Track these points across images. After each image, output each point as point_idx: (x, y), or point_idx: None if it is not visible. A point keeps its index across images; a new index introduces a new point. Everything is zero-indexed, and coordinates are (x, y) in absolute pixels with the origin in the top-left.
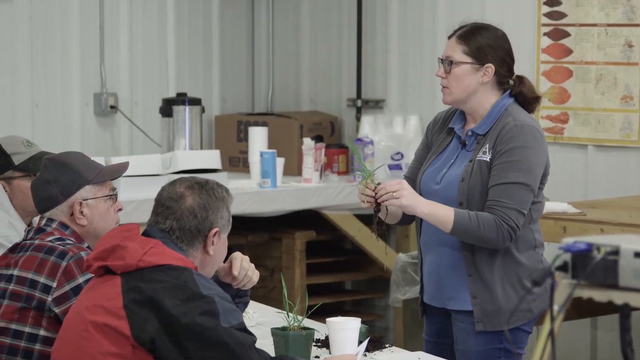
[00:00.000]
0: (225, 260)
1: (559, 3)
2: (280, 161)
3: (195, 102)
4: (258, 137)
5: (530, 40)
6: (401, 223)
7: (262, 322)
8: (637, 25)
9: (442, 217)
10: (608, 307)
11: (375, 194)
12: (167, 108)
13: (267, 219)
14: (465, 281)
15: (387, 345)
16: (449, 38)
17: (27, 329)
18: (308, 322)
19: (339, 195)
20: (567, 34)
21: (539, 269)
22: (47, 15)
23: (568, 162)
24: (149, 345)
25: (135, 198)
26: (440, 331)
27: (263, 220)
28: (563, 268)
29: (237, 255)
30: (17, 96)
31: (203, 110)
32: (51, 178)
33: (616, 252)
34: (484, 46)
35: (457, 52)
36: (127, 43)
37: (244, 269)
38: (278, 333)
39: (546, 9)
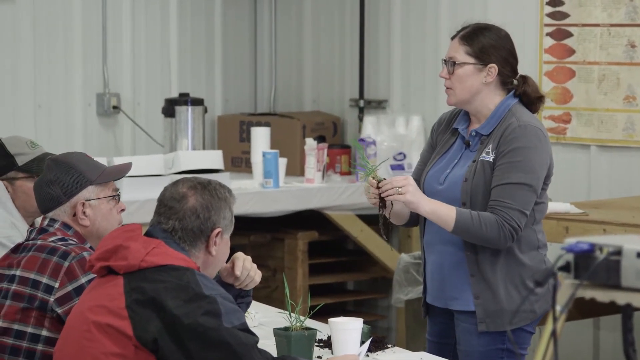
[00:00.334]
0: (227, 260)
1: (562, 3)
2: (282, 161)
3: (197, 103)
4: (260, 138)
5: (532, 40)
6: (407, 224)
7: (265, 323)
8: None
9: (445, 216)
10: (610, 308)
11: (379, 189)
12: (170, 108)
13: (270, 219)
14: (468, 281)
15: (390, 345)
16: (452, 39)
17: (30, 329)
18: (310, 323)
19: (342, 195)
20: (570, 34)
21: (542, 270)
22: (50, 15)
23: (570, 163)
24: (152, 345)
25: (137, 198)
26: (443, 331)
27: (265, 220)
28: (565, 268)
29: (240, 255)
30: (20, 96)
31: (205, 110)
32: (54, 178)
33: (619, 253)
34: (487, 46)
35: (460, 53)
36: (130, 43)
37: (247, 269)
38: (280, 333)
39: (549, 9)
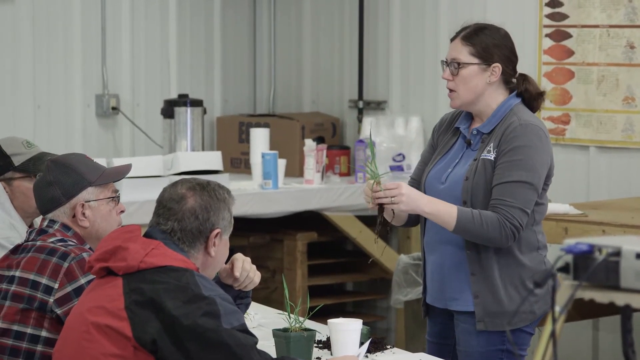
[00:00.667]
0: (226, 261)
1: (561, 4)
2: (281, 162)
3: (196, 104)
4: (260, 139)
5: (532, 41)
6: (407, 225)
7: (264, 324)
8: (639, 26)
9: (445, 216)
10: (610, 309)
11: (374, 195)
12: (169, 109)
13: (269, 220)
14: (468, 282)
15: (389, 346)
16: (452, 40)
17: (29, 330)
18: (309, 324)
19: (341, 196)
20: (569, 35)
21: (541, 271)
22: (49, 16)
23: (570, 164)
24: (151, 346)
25: (136, 199)
26: (443, 332)
27: (264, 221)
28: (565, 269)
29: (239, 256)
30: (19, 97)
31: (205, 111)
32: (53, 179)
33: (618, 254)
34: (490, 46)
35: (464, 54)
36: (129, 44)
37: (246, 270)
38: (279, 334)
39: (548, 10)
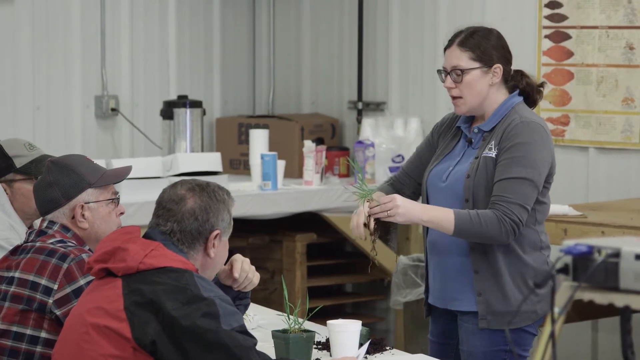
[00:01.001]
0: (226, 262)
1: (560, 5)
2: (281, 163)
3: (196, 105)
4: (259, 140)
5: (531, 42)
6: None
7: (263, 325)
8: (638, 27)
9: (443, 222)
10: (609, 310)
11: (369, 212)
12: (168, 110)
13: (268, 222)
14: (471, 282)
15: (388, 347)
16: (447, 48)
17: (28, 332)
18: (309, 325)
19: (340, 197)
20: (568, 37)
21: (543, 271)
22: (49, 17)
23: (569, 165)
24: (150, 347)
25: (136, 200)
26: (445, 332)
27: (264, 222)
28: (564, 270)
29: (238, 257)
30: (19, 98)
31: (204, 112)
32: (53, 180)
33: (617, 255)
34: (488, 48)
35: (464, 60)
36: (128, 45)
37: (245, 271)
38: (279, 335)
39: (547, 11)
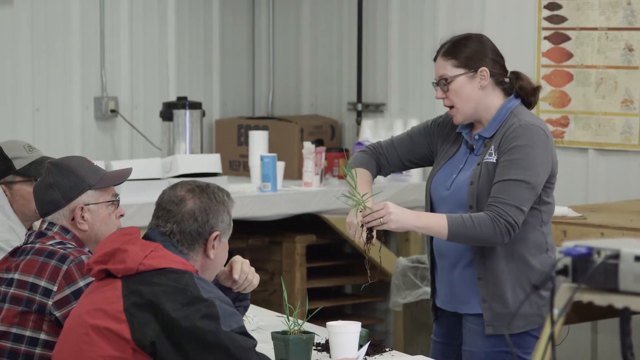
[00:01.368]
0: (225, 264)
1: (560, 7)
2: (280, 165)
3: (195, 106)
4: (258, 141)
5: (530, 44)
6: None
7: (263, 326)
8: (638, 29)
9: (436, 227)
10: (608, 311)
11: (362, 220)
12: (168, 112)
13: (268, 223)
14: (476, 286)
15: (387, 349)
16: (435, 60)
17: (28, 333)
18: (308, 326)
19: (339, 199)
20: (568, 38)
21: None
22: (48, 18)
23: (568, 166)
24: (150, 348)
25: (135, 202)
26: (450, 333)
27: (263, 224)
28: (563, 272)
29: (238, 259)
30: (18, 100)
31: (203, 114)
32: (53, 182)
33: (616, 256)
34: (471, 53)
35: (448, 68)
36: (128, 47)
37: (244, 273)
38: (278, 337)
39: (547, 13)
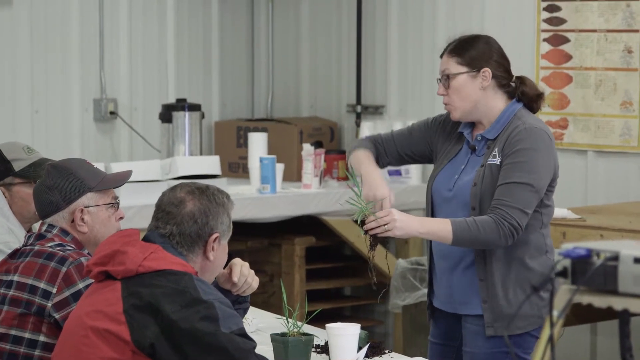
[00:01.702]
0: (225, 266)
1: (559, 9)
2: (279, 167)
3: (194, 108)
4: (258, 143)
5: (529, 46)
6: None
7: (262, 328)
8: (637, 31)
9: (441, 232)
10: (608, 313)
11: (364, 227)
12: (167, 114)
13: (267, 225)
14: (477, 287)
15: (387, 350)
16: (441, 57)
17: (27, 335)
18: (307, 328)
19: (339, 201)
20: (567, 40)
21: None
22: (47, 20)
23: (568, 168)
24: (149, 350)
25: (134, 204)
26: (448, 333)
27: (263, 226)
28: (563, 274)
29: (237, 261)
30: (17, 102)
31: (203, 116)
32: (53, 184)
33: (616, 258)
34: (476, 53)
35: (452, 65)
36: (127, 49)
37: (244, 275)
38: (278, 339)
39: (546, 15)
